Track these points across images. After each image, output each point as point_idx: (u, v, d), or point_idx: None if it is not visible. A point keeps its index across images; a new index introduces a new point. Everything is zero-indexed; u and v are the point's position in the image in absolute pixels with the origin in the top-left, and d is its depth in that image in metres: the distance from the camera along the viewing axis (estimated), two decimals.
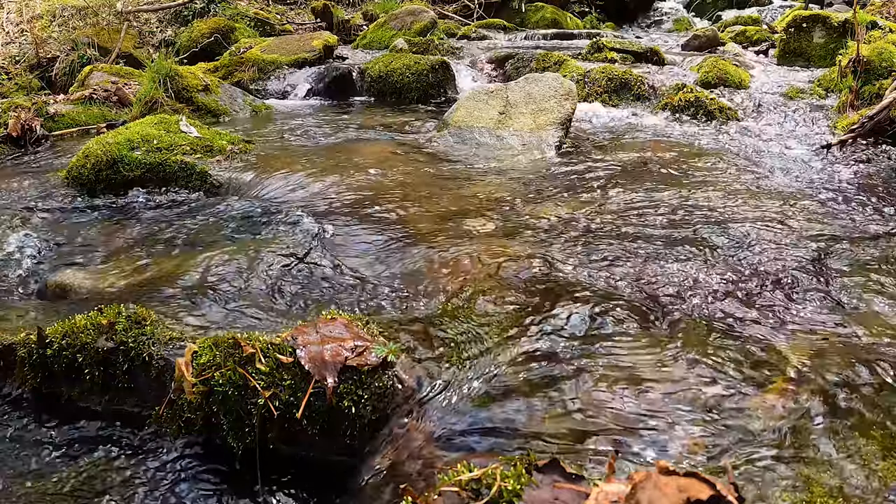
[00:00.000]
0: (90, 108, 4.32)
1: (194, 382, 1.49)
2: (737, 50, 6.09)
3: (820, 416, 1.39)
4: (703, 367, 1.55)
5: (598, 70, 4.74)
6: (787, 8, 8.45)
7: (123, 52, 6.25)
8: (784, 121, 4.08)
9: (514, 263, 2.07)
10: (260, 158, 3.16)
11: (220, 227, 2.57)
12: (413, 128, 4.01)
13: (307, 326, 1.59)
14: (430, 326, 1.76)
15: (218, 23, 6.91)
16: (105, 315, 1.70)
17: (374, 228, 2.40)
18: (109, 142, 3.11)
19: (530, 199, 2.68)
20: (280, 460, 1.53)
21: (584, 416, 1.41)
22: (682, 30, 8.95)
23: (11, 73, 5.92)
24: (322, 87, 5.19)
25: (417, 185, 2.80)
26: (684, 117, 4.12)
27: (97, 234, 2.65)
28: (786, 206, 2.59)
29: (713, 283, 1.99)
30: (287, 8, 8.67)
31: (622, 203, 2.63)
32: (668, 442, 1.34)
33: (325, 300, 2.01)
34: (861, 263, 2.12)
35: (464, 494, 1.07)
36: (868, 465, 1.27)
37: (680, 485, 0.90)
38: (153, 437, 1.60)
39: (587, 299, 1.84)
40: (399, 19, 6.75)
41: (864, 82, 4.06)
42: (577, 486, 1.05)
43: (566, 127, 3.60)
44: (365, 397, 1.48)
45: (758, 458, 1.29)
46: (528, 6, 8.75)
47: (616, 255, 2.16)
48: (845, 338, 1.72)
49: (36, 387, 1.71)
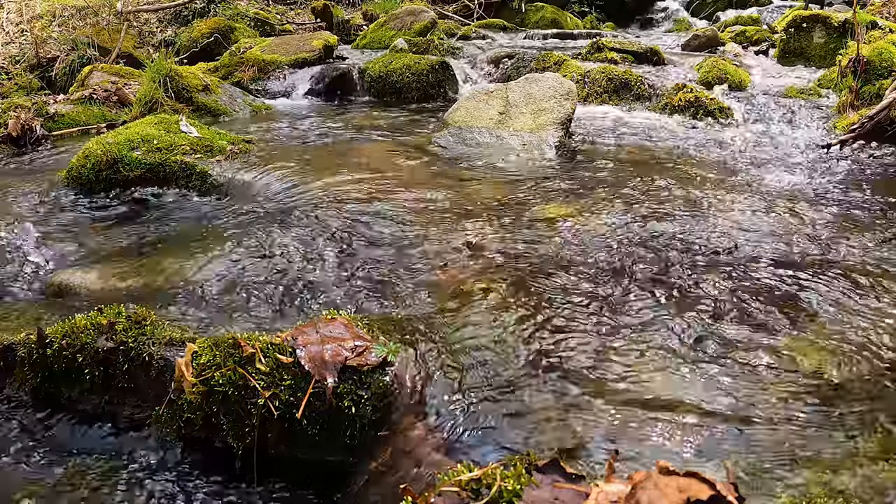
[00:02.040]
0: (90, 108, 4.32)
1: (194, 382, 1.49)
2: (737, 50, 6.09)
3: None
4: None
5: (598, 70, 4.74)
6: (787, 8, 8.44)
7: (123, 52, 6.24)
8: (784, 121, 4.08)
9: (515, 263, 2.07)
10: (260, 158, 3.15)
11: (221, 227, 2.57)
12: (413, 128, 4.01)
13: (307, 326, 1.59)
14: (430, 326, 1.76)
15: (218, 23, 6.91)
16: (105, 315, 1.70)
17: (374, 228, 2.40)
18: (109, 142, 3.11)
19: (530, 199, 2.68)
20: (280, 460, 1.53)
21: (586, 418, 1.41)
22: (681, 30, 8.94)
23: (11, 73, 5.92)
24: (322, 87, 5.19)
25: (417, 186, 2.80)
26: (685, 117, 4.12)
27: (97, 234, 2.65)
28: (786, 206, 2.59)
29: (713, 282, 1.99)
30: (287, 8, 8.67)
31: (622, 203, 2.63)
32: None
33: (325, 299, 2.01)
34: (862, 264, 2.12)
35: (464, 494, 1.07)
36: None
37: (680, 485, 0.90)
38: (153, 437, 1.60)
39: (588, 298, 1.84)
40: (399, 19, 6.75)
41: (864, 82, 4.05)
42: (577, 486, 1.05)
43: (566, 127, 3.59)
44: (365, 397, 1.48)
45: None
46: (528, 6, 8.75)
47: (616, 254, 2.16)
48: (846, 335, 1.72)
49: (36, 387, 1.70)
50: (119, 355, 1.65)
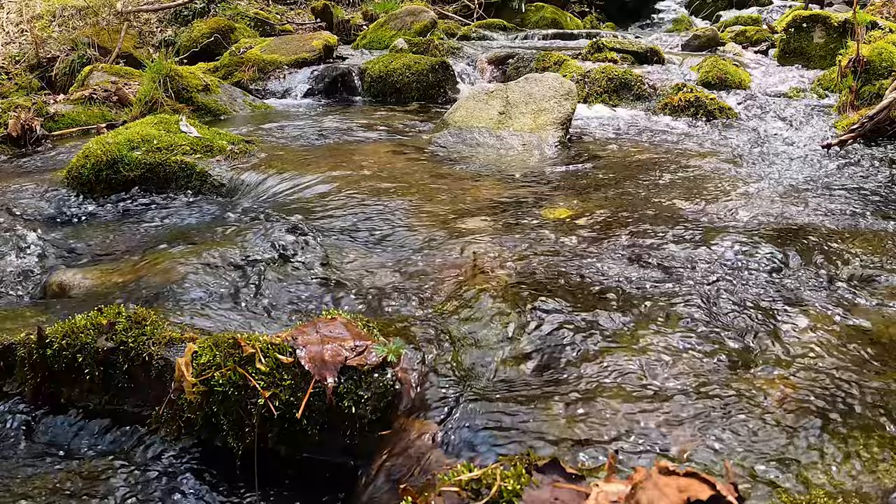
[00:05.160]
0: (90, 108, 4.32)
1: (194, 382, 1.49)
2: (737, 50, 6.10)
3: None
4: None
5: (598, 70, 4.74)
6: (787, 8, 8.45)
7: (123, 52, 6.25)
8: (784, 121, 4.09)
9: (516, 264, 2.07)
10: (260, 158, 3.16)
11: (221, 227, 2.57)
12: (413, 128, 4.01)
13: (307, 326, 1.59)
14: (429, 326, 1.76)
15: (218, 23, 6.92)
16: (105, 315, 1.70)
17: (374, 228, 2.40)
18: (109, 142, 3.11)
19: (530, 199, 2.68)
20: (280, 461, 1.53)
21: (589, 419, 1.41)
22: (681, 30, 8.94)
23: (11, 73, 5.92)
24: (322, 87, 5.20)
25: (417, 186, 2.80)
26: (684, 117, 4.12)
27: (97, 234, 2.65)
28: (786, 206, 2.59)
29: (713, 283, 1.99)
30: (287, 8, 8.67)
31: (622, 203, 2.63)
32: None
33: (324, 299, 2.01)
34: (861, 265, 2.12)
35: (464, 494, 1.07)
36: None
37: (680, 485, 0.90)
38: (153, 437, 1.60)
39: (587, 299, 1.84)
40: (399, 19, 6.75)
41: (864, 82, 4.06)
42: (577, 486, 1.05)
43: (566, 127, 3.60)
44: (365, 397, 1.48)
45: None
46: (528, 6, 8.75)
47: (615, 254, 2.16)
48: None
49: (36, 387, 1.70)
50: (119, 355, 1.65)
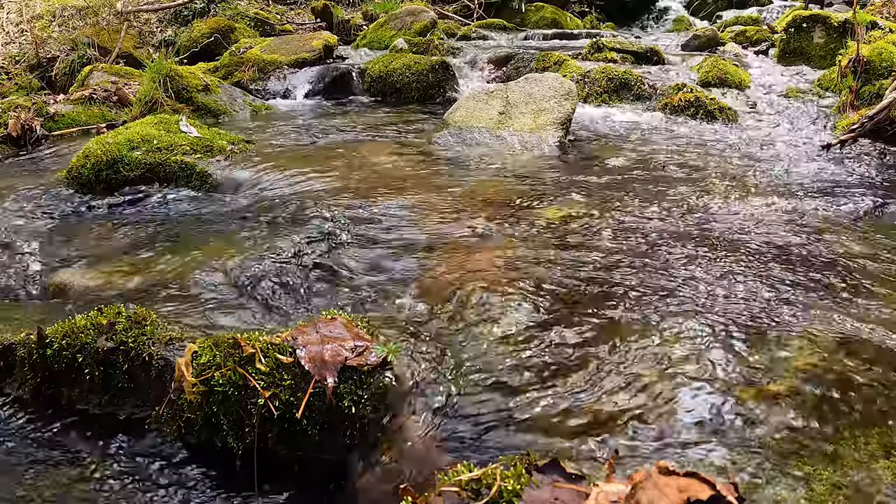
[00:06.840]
0: (90, 108, 4.32)
1: (194, 382, 1.49)
2: (737, 50, 6.09)
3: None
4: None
5: (598, 70, 4.74)
6: (787, 8, 8.45)
7: (123, 52, 6.25)
8: (784, 121, 4.09)
9: (516, 264, 2.07)
10: (260, 158, 3.15)
11: (221, 227, 2.57)
12: (413, 128, 4.01)
13: (307, 326, 1.59)
14: (430, 326, 1.76)
15: (218, 23, 6.92)
16: (105, 315, 1.70)
17: (373, 228, 2.40)
18: (109, 142, 3.11)
19: (530, 200, 2.68)
20: (280, 460, 1.53)
21: (587, 421, 1.41)
22: (681, 30, 8.94)
23: (11, 73, 5.92)
24: (322, 87, 5.19)
25: (416, 186, 2.80)
26: (685, 117, 4.12)
27: (97, 234, 2.65)
28: (786, 206, 2.59)
29: (712, 281, 1.99)
30: (287, 8, 8.67)
31: (623, 203, 2.63)
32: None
33: (324, 299, 2.01)
34: (862, 265, 2.12)
35: (464, 494, 1.07)
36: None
37: (680, 485, 0.90)
38: (153, 437, 1.60)
39: (587, 299, 1.84)
40: (399, 19, 6.75)
41: (864, 82, 4.06)
42: (577, 486, 1.05)
43: (566, 127, 3.60)
44: (365, 397, 1.48)
45: None
46: (528, 6, 8.75)
47: (614, 254, 2.16)
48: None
49: (36, 387, 1.70)
50: (119, 355, 1.65)
